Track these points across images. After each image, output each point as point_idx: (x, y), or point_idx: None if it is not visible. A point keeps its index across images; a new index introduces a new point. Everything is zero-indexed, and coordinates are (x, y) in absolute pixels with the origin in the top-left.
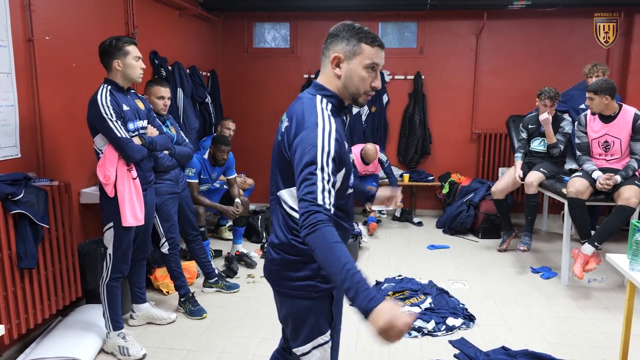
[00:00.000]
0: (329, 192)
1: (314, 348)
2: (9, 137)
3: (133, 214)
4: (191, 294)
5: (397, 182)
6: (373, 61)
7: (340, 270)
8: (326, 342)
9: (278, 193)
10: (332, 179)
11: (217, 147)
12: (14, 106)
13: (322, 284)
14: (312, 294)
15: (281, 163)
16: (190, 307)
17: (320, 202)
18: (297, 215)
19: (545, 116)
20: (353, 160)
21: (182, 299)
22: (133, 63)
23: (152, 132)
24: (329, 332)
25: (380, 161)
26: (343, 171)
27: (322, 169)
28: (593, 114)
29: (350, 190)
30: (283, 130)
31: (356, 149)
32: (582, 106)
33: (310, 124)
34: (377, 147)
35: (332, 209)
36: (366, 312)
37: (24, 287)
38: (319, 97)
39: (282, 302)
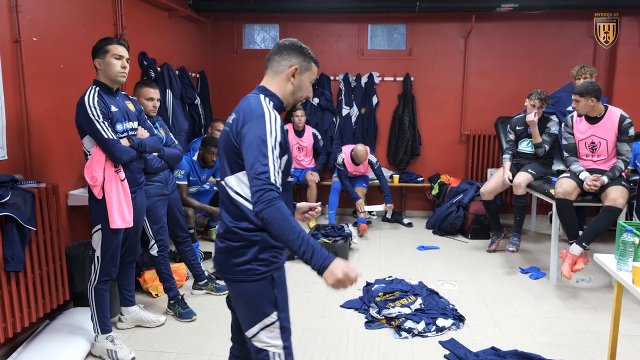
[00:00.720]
0: (278, 173)
1: (261, 330)
2: None
3: (121, 216)
4: (180, 296)
5: (388, 182)
6: (315, 77)
7: (297, 237)
8: (272, 324)
9: (224, 180)
10: (279, 161)
11: (207, 148)
12: (0, 108)
13: (262, 267)
14: (253, 277)
15: (229, 151)
16: (179, 309)
17: (273, 181)
18: (240, 200)
19: (531, 117)
20: (343, 159)
21: (171, 302)
22: (112, 61)
23: (143, 133)
24: (275, 313)
25: (370, 162)
26: (286, 156)
27: (272, 152)
28: (579, 115)
29: (290, 179)
30: (231, 122)
31: (346, 149)
32: (569, 108)
33: (258, 114)
34: (368, 148)
35: (281, 188)
36: (323, 268)
37: (11, 290)
38: (262, 96)
39: (229, 288)
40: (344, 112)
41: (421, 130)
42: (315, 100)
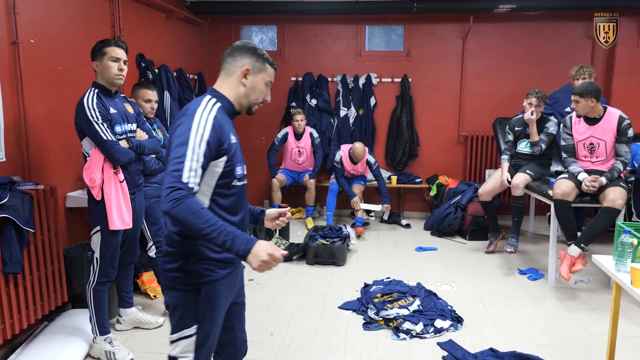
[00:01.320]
0: (196, 172)
1: (179, 339)
2: None
3: (120, 217)
4: None
5: (386, 183)
6: (271, 80)
7: (214, 228)
8: (190, 336)
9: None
10: (202, 160)
11: None
12: None
13: (189, 278)
14: (180, 286)
15: (168, 151)
16: None
17: (184, 180)
18: None
19: (529, 115)
20: (341, 157)
21: None
22: (109, 64)
23: (142, 135)
24: (195, 327)
25: (368, 162)
26: (224, 158)
27: (193, 150)
28: (578, 116)
29: (237, 183)
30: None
31: (345, 147)
32: (568, 109)
33: (191, 111)
34: (366, 148)
35: (196, 188)
36: (246, 252)
37: (9, 292)
38: (208, 97)
39: (162, 292)
40: (342, 113)
41: (419, 131)
42: (313, 102)
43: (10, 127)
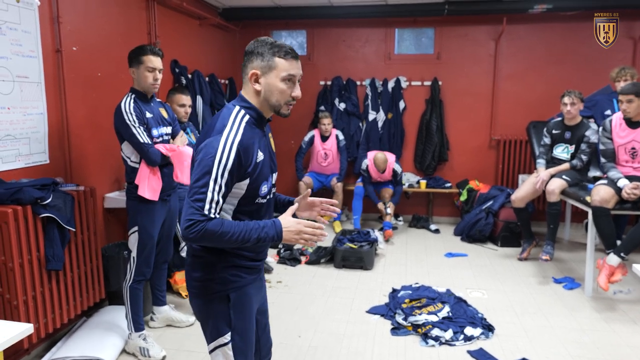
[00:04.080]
0: (217, 203)
1: (216, 348)
2: (38, 143)
3: (150, 188)
4: None
5: (414, 188)
6: (289, 73)
7: (241, 236)
8: (226, 344)
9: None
10: (224, 190)
11: None
12: (43, 114)
13: (217, 285)
14: (208, 294)
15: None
16: None
17: (206, 212)
18: None
19: (540, 184)
20: (367, 165)
21: None
22: (145, 74)
23: (184, 141)
24: (229, 334)
25: (394, 171)
26: (247, 181)
27: (215, 180)
28: (626, 118)
29: (261, 200)
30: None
31: (371, 155)
32: (608, 112)
33: (217, 132)
34: (390, 157)
35: (217, 216)
36: (279, 233)
37: (51, 288)
38: (237, 108)
39: (190, 300)
40: (371, 117)
41: (449, 135)
42: (342, 106)
43: (54, 131)
